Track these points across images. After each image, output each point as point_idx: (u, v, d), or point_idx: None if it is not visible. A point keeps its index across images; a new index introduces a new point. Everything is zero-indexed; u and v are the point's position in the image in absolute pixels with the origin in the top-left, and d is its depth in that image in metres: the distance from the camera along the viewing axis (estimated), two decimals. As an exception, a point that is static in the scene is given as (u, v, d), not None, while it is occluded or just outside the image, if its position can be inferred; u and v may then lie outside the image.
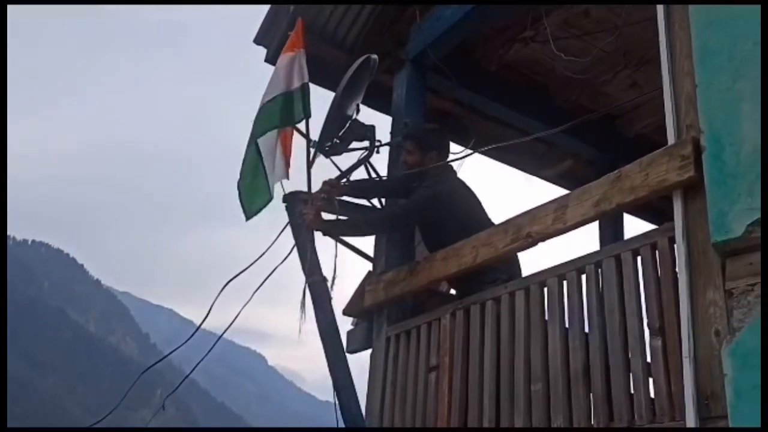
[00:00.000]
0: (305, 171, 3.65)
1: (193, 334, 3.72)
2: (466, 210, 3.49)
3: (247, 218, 3.66)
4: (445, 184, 3.57)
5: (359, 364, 3.82)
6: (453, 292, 3.75)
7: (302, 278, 3.49)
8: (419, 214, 3.50)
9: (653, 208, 4.33)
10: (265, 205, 3.56)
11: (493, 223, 3.37)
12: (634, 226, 4.93)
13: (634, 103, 4.78)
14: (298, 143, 3.67)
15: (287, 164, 3.55)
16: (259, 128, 3.65)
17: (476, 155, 4.75)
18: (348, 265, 3.88)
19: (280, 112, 3.61)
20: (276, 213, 3.73)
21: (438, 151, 3.67)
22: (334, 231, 3.56)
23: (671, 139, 2.38)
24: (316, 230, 3.49)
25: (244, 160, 3.72)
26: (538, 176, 5.46)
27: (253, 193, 3.62)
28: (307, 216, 3.46)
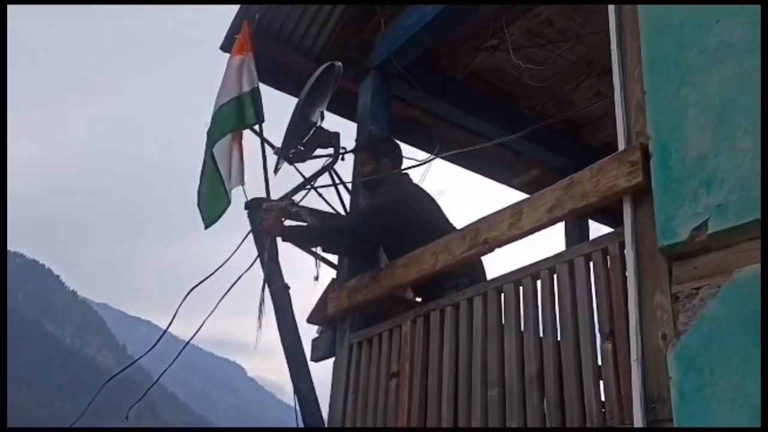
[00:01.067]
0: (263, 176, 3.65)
1: (159, 340, 3.70)
2: (424, 215, 3.51)
3: (207, 226, 3.65)
4: (399, 190, 3.59)
5: (325, 371, 3.80)
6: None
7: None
8: (377, 222, 3.49)
9: (614, 213, 4.37)
10: (223, 211, 3.55)
11: (455, 229, 3.40)
12: (602, 229, 4.99)
13: (599, 112, 4.85)
14: (251, 147, 3.68)
15: (242, 169, 3.55)
16: (215, 133, 3.65)
17: (446, 164, 4.85)
18: (313, 273, 3.88)
19: (235, 116, 3.62)
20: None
21: (391, 158, 3.70)
22: (293, 238, 3.56)
23: (621, 145, 2.41)
24: (275, 237, 3.49)
25: (202, 165, 3.72)
26: (507, 185, 5.51)
27: (212, 200, 3.62)
28: (266, 222, 3.46)
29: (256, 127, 3.68)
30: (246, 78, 3.65)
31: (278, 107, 3.90)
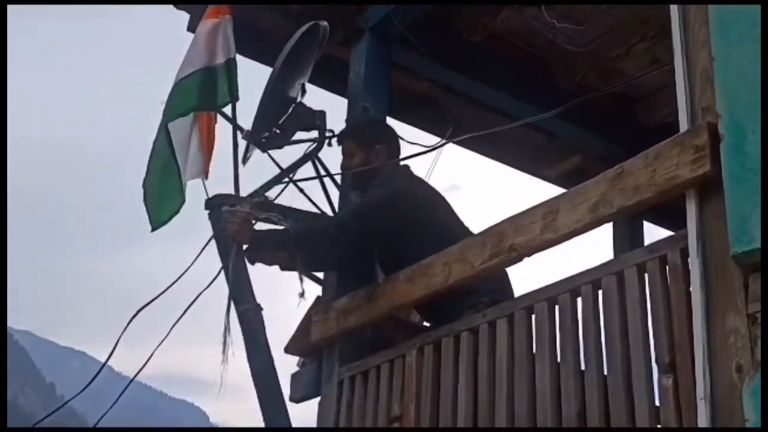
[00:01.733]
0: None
1: (96, 375, 3.73)
2: (431, 216, 3.52)
3: (154, 227, 3.66)
4: (397, 182, 3.61)
5: (308, 414, 3.82)
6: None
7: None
8: (370, 221, 3.50)
9: (674, 212, 4.39)
10: (176, 211, 3.56)
11: (472, 234, 3.41)
12: (658, 233, 5.02)
13: (656, 83, 4.86)
14: (224, 133, 3.68)
15: (207, 159, 3.55)
16: (172, 111, 3.65)
17: (460, 150, 4.86)
18: (291, 290, 3.89)
19: (198, 92, 3.62)
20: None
21: (386, 144, 3.72)
22: (264, 246, 3.57)
23: (683, 125, 2.42)
24: (242, 243, 3.49)
25: (152, 151, 3.71)
26: (537, 176, 5.54)
27: (162, 195, 3.62)
28: (229, 226, 3.46)
29: (227, 108, 3.69)
30: (221, 46, 3.65)
31: (248, 79, 3.90)
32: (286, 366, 3.85)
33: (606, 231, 4.87)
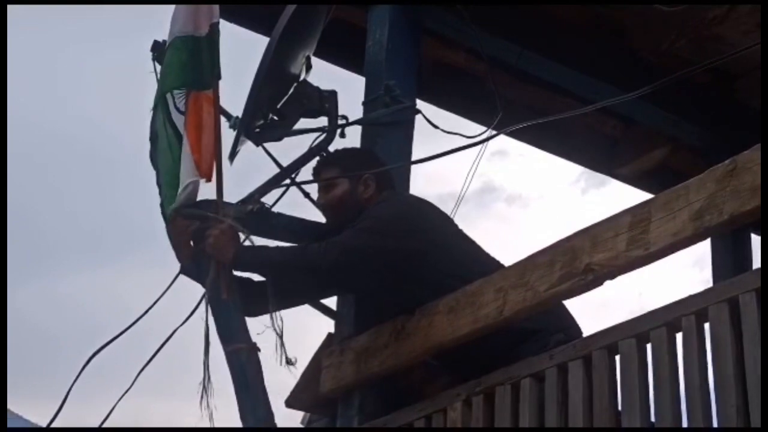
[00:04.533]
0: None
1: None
2: (455, 241, 3.61)
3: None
4: (411, 197, 3.78)
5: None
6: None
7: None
8: (386, 238, 3.52)
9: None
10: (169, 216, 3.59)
11: (498, 263, 3.49)
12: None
13: (760, 54, 4.85)
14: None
15: (198, 158, 3.56)
16: (173, 79, 3.73)
17: (508, 141, 4.87)
18: (298, 324, 3.90)
19: (181, 67, 3.69)
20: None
21: (371, 172, 3.75)
22: (250, 267, 3.63)
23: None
24: (224, 262, 3.50)
25: (153, 136, 3.76)
26: (611, 175, 5.54)
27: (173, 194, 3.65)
28: (209, 242, 3.47)
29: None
30: (204, 11, 3.69)
31: (237, 51, 3.92)
32: (287, 421, 3.87)
33: (701, 248, 4.88)
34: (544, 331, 3.20)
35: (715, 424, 2.56)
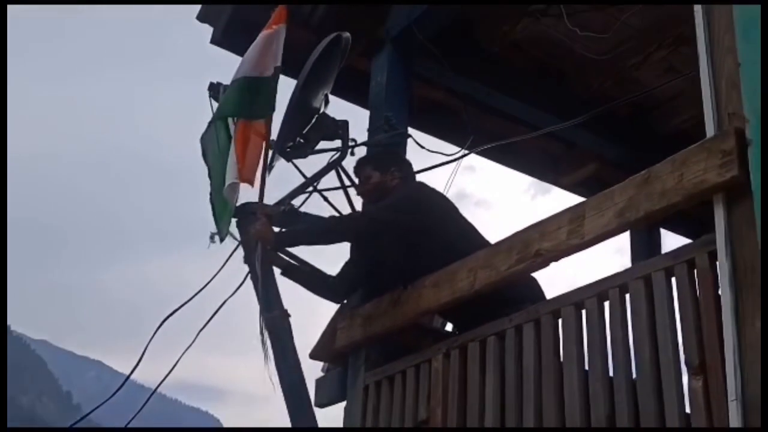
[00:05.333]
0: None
1: (119, 389, 3.71)
2: (451, 218, 3.56)
3: (222, 238, 3.65)
4: (420, 185, 3.69)
5: (334, 418, 3.81)
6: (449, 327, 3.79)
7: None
8: (400, 215, 3.50)
9: (697, 221, 4.38)
10: (230, 218, 3.56)
11: (488, 243, 3.42)
12: (675, 242, 5.00)
13: (671, 92, 4.85)
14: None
15: (242, 166, 3.54)
16: (222, 110, 3.73)
17: (475, 158, 4.87)
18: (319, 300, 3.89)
19: (242, 99, 3.67)
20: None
21: (399, 168, 3.77)
22: (291, 243, 3.60)
23: (710, 130, 2.42)
24: (268, 245, 3.49)
25: (209, 157, 3.75)
26: (554, 184, 5.54)
27: (221, 207, 3.62)
28: (253, 228, 3.47)
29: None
30: (272, 56, 3.68)
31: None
32: (310, 371, 3.85)
33: (619, 241, 4.88)
34: (519, 299, 3.18)
35: (633, 373, 2.55)
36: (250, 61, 3.73)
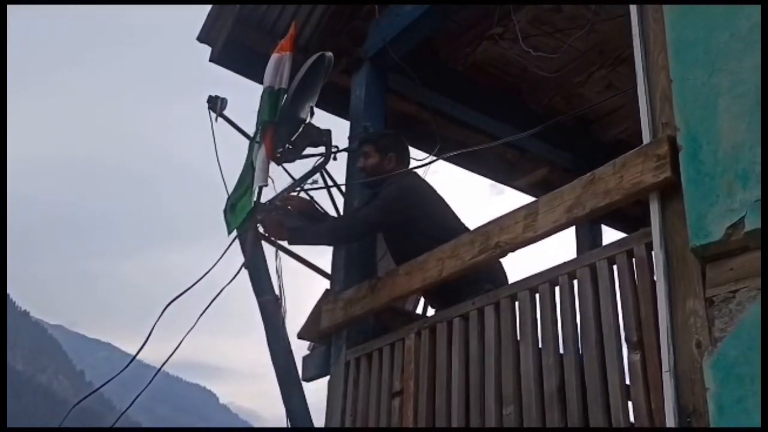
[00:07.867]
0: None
1: (127, 366, 3.67)
2: (437, 209, 3.58)
3: (229, 231, 3.64)
4: (411, 179, 3.67)
5: (319, 391, 3.79)
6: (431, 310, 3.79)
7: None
8: (392, 213, 3.52)
9: (632, 218, 4.41)
10: (248, 214, 3.54)
11: (463, 225, 3.46)
12: (615, 236, 5.02)
13: (611, 106, 4.89)
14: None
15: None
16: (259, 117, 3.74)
17: (442, 163, 4.87)
18: (304, 284, 3.88)
19: (268, 108, 3.70)
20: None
21: (396, 153, 3.76)
22: (299, 240, 3.60)
23: (646, 138, 2.43)
24: (279, 240, 3.51)
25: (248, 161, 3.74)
26: (510, 186, 5.53)
27: (240, 205, 3.61)
28: (267, 225, 3.47)
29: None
30: (280, 76, 3.75)
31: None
32: (298, 350, 3.83)
33: (566, 236, 4.90)
34: (481, 280, 3.18)
35: (581, 349, 2.56)
36: (270, 73, 3.79)
